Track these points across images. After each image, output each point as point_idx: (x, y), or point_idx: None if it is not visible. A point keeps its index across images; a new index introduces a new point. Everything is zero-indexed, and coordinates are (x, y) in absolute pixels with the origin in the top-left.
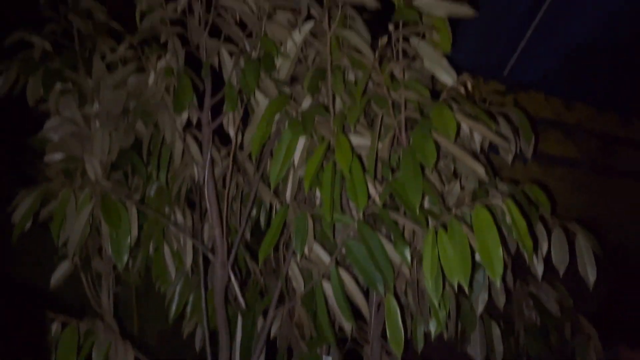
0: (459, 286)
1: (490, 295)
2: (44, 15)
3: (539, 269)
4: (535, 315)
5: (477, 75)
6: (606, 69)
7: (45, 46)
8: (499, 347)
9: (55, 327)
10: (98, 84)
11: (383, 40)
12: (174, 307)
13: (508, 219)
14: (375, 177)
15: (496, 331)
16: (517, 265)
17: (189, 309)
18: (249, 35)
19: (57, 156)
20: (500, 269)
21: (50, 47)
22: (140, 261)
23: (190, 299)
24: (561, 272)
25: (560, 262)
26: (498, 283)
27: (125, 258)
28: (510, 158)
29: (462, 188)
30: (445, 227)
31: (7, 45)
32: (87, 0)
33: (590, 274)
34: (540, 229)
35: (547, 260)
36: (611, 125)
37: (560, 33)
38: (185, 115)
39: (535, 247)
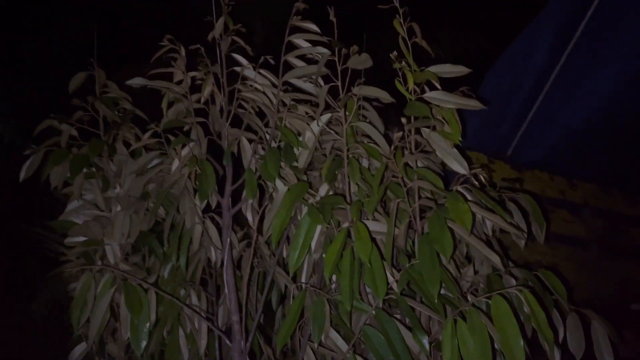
0: None
1: None
2: (72, 104)
3: (556, 356)
4: None
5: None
6: (606, 149)
7: (72, 132)
8: None
9: None
10: (120, 169)
11: (398, 134)
12: None
13: (526, 308)
14: (392, 264)
15: None
16: (532, 347)
17: None
18: (266, 124)
19: (78, 238)
20: (522, 357)
21: (76, 133)
22: (155, 344)
23: None
24: (578, 358)
25: (577, 348)
26: None
27: (144, 345)
28: (522, 243)
29: (475, 272)
30: (463, 316)
31: (36, 134)
32: (114, 90)
33: (606, 358)
34: (555, 314)
35: (563, 346)
36: (616, 203)
37: (560, 116)
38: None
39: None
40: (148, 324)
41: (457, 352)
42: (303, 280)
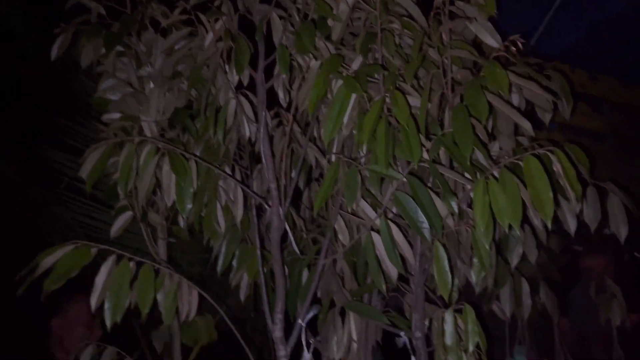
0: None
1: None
2: None
3: (572, 225)
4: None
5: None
6: (631, 42)
7: (100, 10)
8: (527, 301)
9: (131, 265)
10: (150, 48)
11: (437, 1)
12: (221, 260)
13: (555, 167)
14: (426, 135)
15: (526, 287)
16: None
17: (235, 262)
18: (296, 1)
19: (115, 115)
20: (551, 211)
21: (104, 11)
22: (194, 214)
23: (237, 252)
24: (592, 228)
25: (593, 219)
26: (549, 224)
27: (189, 207)
28: (548, 118)
29: (500, 148)
30: (495, 178)
31: (65, 10)
32: None
33: (622, 230)
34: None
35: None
36: (636, 98)
37: (586, 6)
38: (237, 77)
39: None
40: (192, 189)
41: (488, 209)
42: (334, 154)
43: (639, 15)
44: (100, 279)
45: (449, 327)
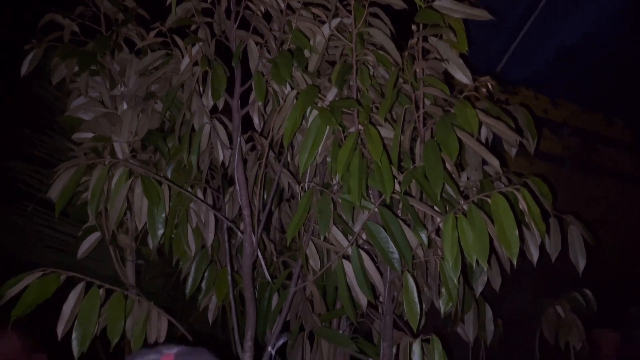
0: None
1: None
2: None
3: (534, 255)
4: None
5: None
6: (591, 70)
7: (73, 28)
8: (489, 326)
9: (101, 292)
10: (124, 68)
11: (412, 41)
12: (190, 282)
13: (521, 205)
14: (398, 167)
15: (489, 313)
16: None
17: (204, 284)
18: (273, 28)
19: (86, 135)
20: (516, 249)
21: (77, 29)
22: (165, 236)
23: (206, 274)
24: (553, 258)
25: (554, 249)
26: (515, 261)
27: (160, 233)
28: (514, 152)
29: (467, 179)
30: (463, 213)
31: (39, 27)
32: None
33: (580, 261)
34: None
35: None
36: (595, 123)
37: (551, 35)
38: (212, 101)
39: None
40: (164, 214)
41: (457, 244)
42: (307, 181)
43: (599, 44)
44: (68, 307)
45: (416, 358)
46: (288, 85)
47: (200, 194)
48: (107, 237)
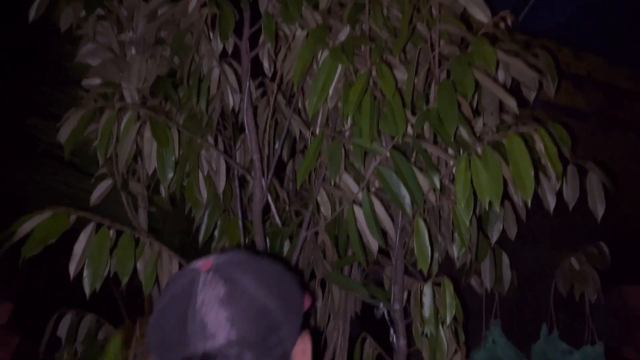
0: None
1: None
2: None
3: (551, 203)
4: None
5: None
6: (618, 22)
7: None
8: (507, 275)
9: (111, 233)
10: (131, 13)
11: None
12: (203, 230)
13: (538, 146)
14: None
15: (506, 261)
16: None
17: (217, 232)
18: None
19: (95, 81)
20: (531, 189)
21: None
22: (175, 183)
23: (219, 222)
24: (570, 206)
25: (572, 197)
26: (529, 201)
27: (170, 176)
28: (533, 96)
29: (484, 125)
30: (477, 154)
31: None
32: None
33: (599, 209)
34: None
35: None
36: (619, 77)
37: None
38: (221, 45)
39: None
40: (173, 157)
41: (469, 185)
42: (318, 126)
43: None
44: (79, 246)
45: (427, 300)
46: (298, 27)
47: (211, 141)
48: (117, 183)
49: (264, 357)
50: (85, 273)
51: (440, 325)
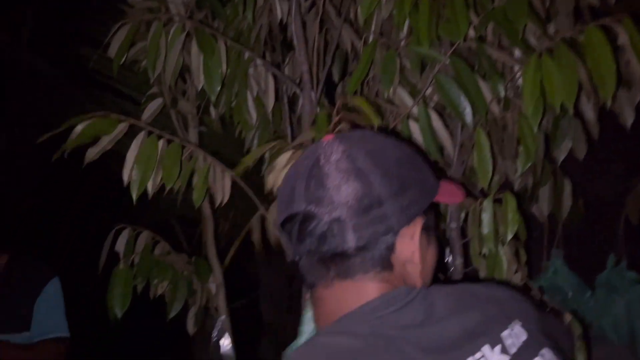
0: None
1: None
2: None
3: (628, 117)
4: None
5: None
6: None
7: None
8: (567, 202)
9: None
10: None
11: None
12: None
13: (621, 40)
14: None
15: (567, 187)
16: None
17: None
18: None
19: None
20: (613, 87)
21: None
22: (224, 103)
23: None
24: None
25: None
26: (609, 101)
27: (217, 88)
28: None
29: (556, 32)
30: (549, 52)
31: None
32: None
33: None
34: None
35: None
36: None
37: None
38: None
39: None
40: (220, 70)
41: (538, 87)
42: (371, 34)
43: None
44: (131, 154)
45: (486, 216)
46: None
47: (259, 60)
48: (167, 101)
49: (363, 226)
50: (133, 177)
51: (500, 245)
